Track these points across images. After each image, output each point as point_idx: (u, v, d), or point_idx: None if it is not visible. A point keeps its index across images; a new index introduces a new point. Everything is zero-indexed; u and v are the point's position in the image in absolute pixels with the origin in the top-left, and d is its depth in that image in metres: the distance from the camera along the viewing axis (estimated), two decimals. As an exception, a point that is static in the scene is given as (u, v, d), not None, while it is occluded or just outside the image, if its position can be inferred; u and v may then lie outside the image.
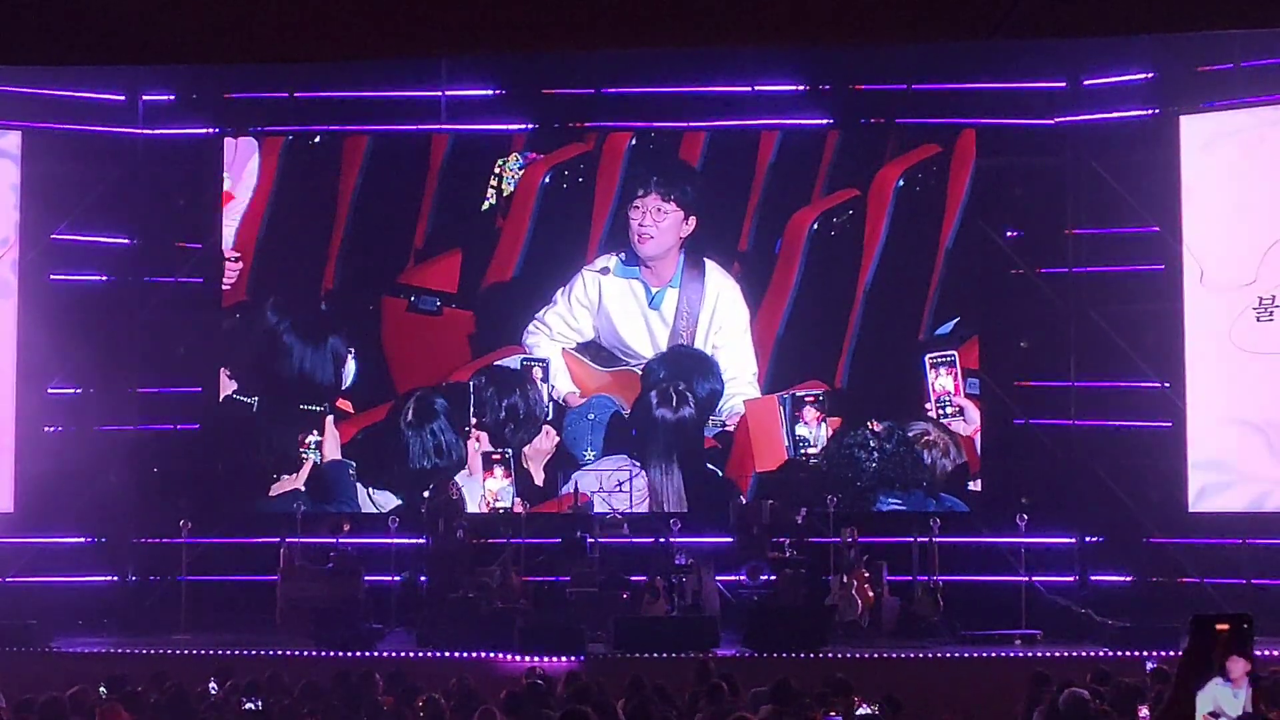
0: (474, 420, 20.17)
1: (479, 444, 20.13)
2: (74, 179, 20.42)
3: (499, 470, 19.89)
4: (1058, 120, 20.34)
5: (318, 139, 21.22)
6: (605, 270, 20.45)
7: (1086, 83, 20.16)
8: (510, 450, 20.05)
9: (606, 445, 20.22)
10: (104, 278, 20.88)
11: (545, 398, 20.34)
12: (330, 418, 20.39)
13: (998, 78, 20.13)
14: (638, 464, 19.97)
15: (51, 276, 20.40)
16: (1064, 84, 20.24)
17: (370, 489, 20.28)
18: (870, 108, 20.70)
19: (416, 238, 20.92)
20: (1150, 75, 19.65)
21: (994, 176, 20.45)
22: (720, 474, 20.21)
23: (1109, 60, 19.73)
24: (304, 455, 20.39)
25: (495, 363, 20.54)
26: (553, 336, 20.52)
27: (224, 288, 20.91)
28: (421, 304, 20.80)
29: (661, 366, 20.35)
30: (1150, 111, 19.74)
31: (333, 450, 20.35)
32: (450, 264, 20.87)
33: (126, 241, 20.94)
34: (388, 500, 20.18)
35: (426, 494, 19.45)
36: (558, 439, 20.28)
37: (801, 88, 20.51)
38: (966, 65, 19.92)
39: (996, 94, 20.32)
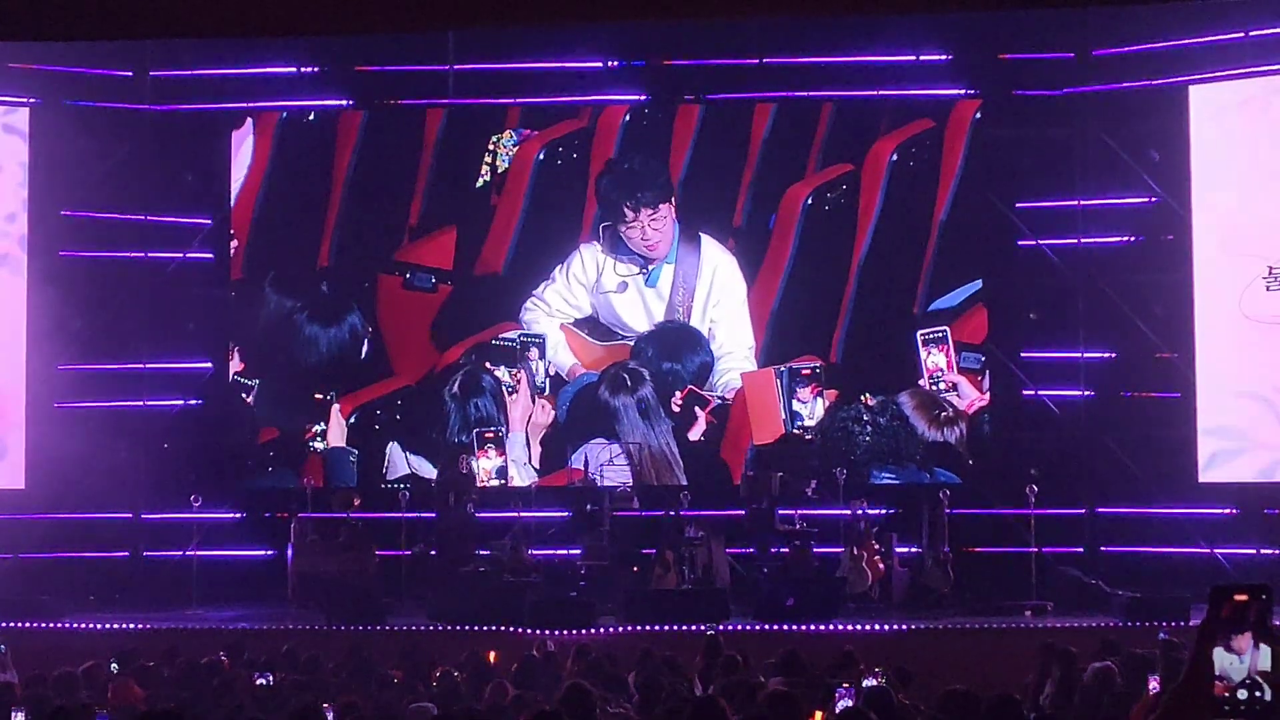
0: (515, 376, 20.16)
1: (517, 391, 20.13)
2: (82, 155, 20.39)
3: (492, 449, 19.88)
4: (1066, 91, 20.27)
5: (312, 115, 21.18)
6: (624, 286, 20.36)
7: (1095, 53, 20.09)
8: (504, 428, 20.05)
9: (589, 426, 20.18)
10: (113, 254, 20.86)
11: (542, 373, 20.33)
12: (336, 406, 20.40)
13: (1006, 49, 20.07)
14: (616, 442, 19.94)
15: (60, 253, 20.39)
16: (1072, 55, 20.18)
17: (408, 453, 20.32)
18: (871, 80, 20.61)
19: (411, 215, 20.92)
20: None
21: (1003, 148, 20.40)
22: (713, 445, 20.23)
23: (1118, 30, 19.65)
24: (311, 446, 20.44)
25: (491, 339, 20.53)
26: (551, 313, 20.51)
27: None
28: (416, 281, 20.80)
29: (650, 344, 20.33)
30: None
31: (337, 438, 20.38)
32: (445, 241, 20.87)
33: (135, 217, 20.92)
34: (424, 466, 20.23)
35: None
36: (554, 413, 20.30)
37: (807, 60, 20.49)
38: (973, 37, 19.88)
39: (1005, 65, 20.26)
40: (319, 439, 20.49)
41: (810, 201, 20.43)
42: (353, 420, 20.53)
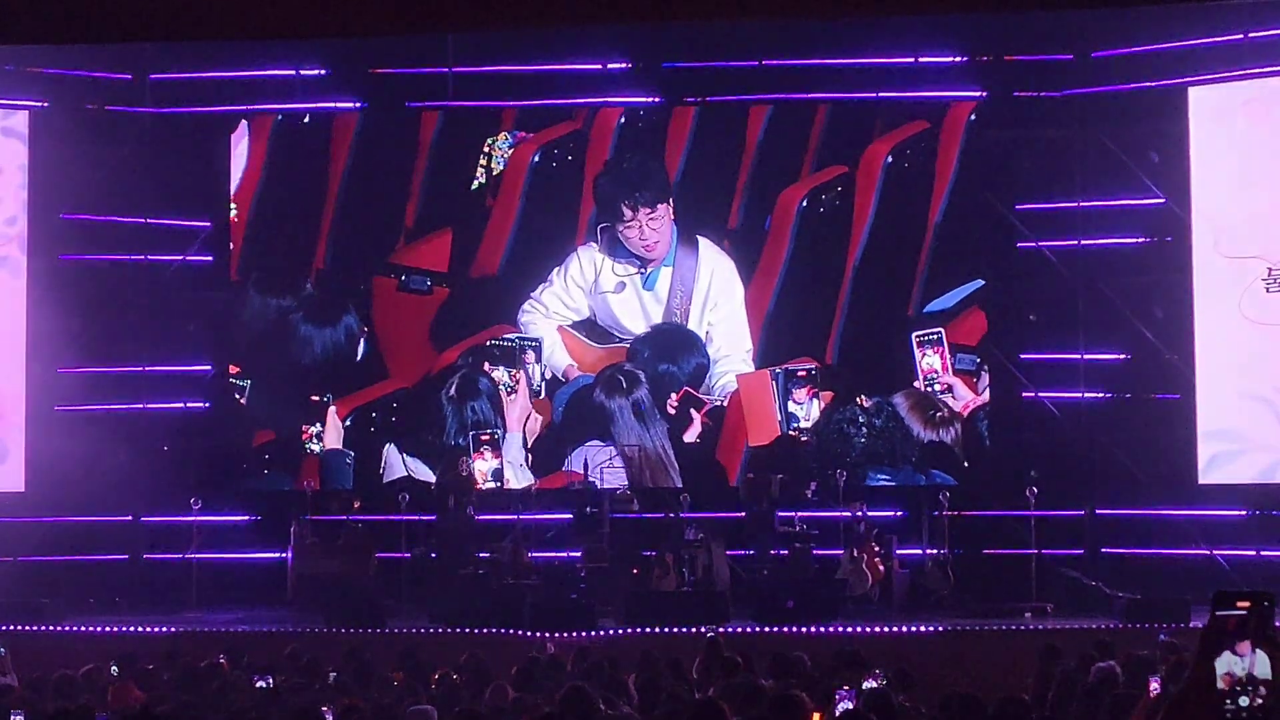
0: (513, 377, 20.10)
1: (515, 392, 20.08)
2: (82, 158, 20.38)
3: (488, 451, 19.81)
4: (1066, 92, 20.26)
5: (307, 118, 21.11)
6: (621, 286, 20.30)
7: (1095, 54, 20.09)
8: (500, 430, 19.94)
9: (583, 428, 20.09)
10: (113, 256, 20.84)
11: (538, 378, 20.26)
12: (332, 408, 20.33)
13: (1006, 50, 20.06)
14: (611, 444, 19.86)
15: (61, 256, 20.38)
16: (1072, 56, 20.17)
17: (406, 455, 20.24)
18: (871, 82, 20.57)
19: (407, 217, 20.83)
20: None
21: (1002, 149, 20.40)
22: (703, 446, 20.10)
23: (1118, 31, 19.64)
24: (307, 448, 20.39)
25: (487, 341, 20.42)
26: (549, 315, 20.40)
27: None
28: (412, 283, 20.70)
29: (645, 346, 20.24)
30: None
31: (333, 440, 20.32)
32: (440, 243, 20.77)
33: (135, 220, 20.89)
34: (420, 468, 20.12)
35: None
36: (541, 418, 20.16)
37: (804, 62, 20.42)
38: (973, 38, 19.87)
39: (1005, 66, 20.25)
40: (315, 441, 20.44)
41: (805, 203, 20.35)
42: (349, 423, 20.45)
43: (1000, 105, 20.27)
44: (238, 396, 20.65)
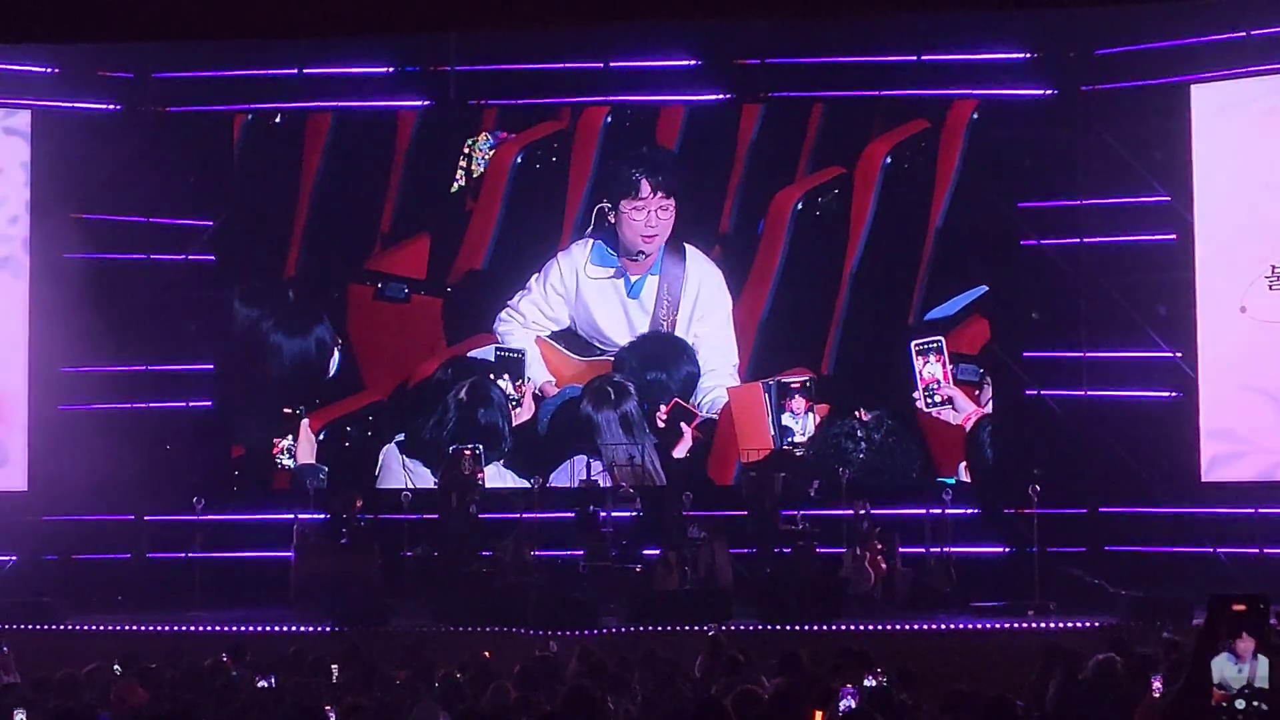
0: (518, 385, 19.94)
1: (520, 405, 19.93)
2: (84, 157, 20.37)
3: (469, 466, 19.52)
4: (1068, 90, 20.24)
5: (279, 118, 20.79)
6: (617, 273, 19.96)
7: (1097, 52, 20.08)
8: (480, 446, 19.48)
9: (569, 441, 19.84)
10: (116, 255, 20.83)
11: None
12: (305, 421, 20.07)
13: (1007, 48, 20.04)
14: (597, 459, 19.58)
15: (64, 255, 20.37)
16: (1074, 53, 20.15)
17: (406, 457, 20.01)
18: (875, 80, 20.50)
19: (383, 222, 20.41)
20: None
21: (1004, 148, 20.36)
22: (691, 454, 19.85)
23: (1120, 29, 19.63)
24: (278, 461, 20.24)
25: (468, 354, 20.12)
26: (526, 324, 20.04)
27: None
28: (389, 291, 20.32)
29: (632, 356, 19.91)
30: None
31: (306, 455, 20.14)
32: (418, 249, 20.36)
33: (137, 219, 20.88)
34: (419, 469, 19.87)
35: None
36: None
37: (801, 60, 20.33)
38: (975, 36, 19.84)
39: (1006, 65, 20.23)
40: (286, 455, 20.14)
41: (800, 206, 19.95)
42: (322, 437, 20.13)
43: (1002, 104, 20.20)
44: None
